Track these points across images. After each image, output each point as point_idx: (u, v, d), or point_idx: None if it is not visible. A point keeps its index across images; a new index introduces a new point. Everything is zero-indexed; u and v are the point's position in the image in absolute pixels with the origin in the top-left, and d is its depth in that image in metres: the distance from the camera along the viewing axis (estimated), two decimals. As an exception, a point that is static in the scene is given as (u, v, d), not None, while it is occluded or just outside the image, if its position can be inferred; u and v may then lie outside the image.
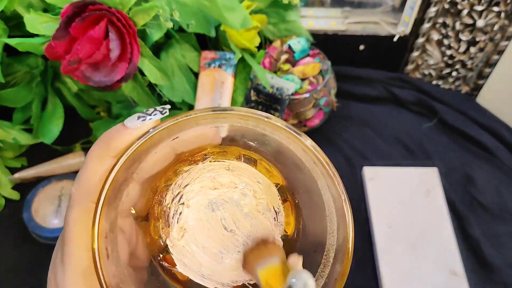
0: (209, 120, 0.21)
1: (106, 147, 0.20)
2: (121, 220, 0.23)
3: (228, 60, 0.52)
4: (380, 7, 0.63)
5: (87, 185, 0.20)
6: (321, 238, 0.23)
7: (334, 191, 0.22)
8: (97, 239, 0.19)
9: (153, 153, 0.22)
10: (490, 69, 0.61)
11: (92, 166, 0.20)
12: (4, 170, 0.53)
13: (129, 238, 0.23)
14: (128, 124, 0.20)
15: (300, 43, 0.56)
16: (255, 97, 0.54)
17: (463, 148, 0.59)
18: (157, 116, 0.21)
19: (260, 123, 0.21)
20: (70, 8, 0.39)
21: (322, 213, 0.23)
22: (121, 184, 0.21)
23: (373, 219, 0.52)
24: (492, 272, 0.48)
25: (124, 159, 0.20)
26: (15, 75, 0.49)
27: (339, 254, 0.22)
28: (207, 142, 0.24)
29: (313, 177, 0.22)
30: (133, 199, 0.23)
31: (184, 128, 0.21)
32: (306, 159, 0.22)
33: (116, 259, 0.21)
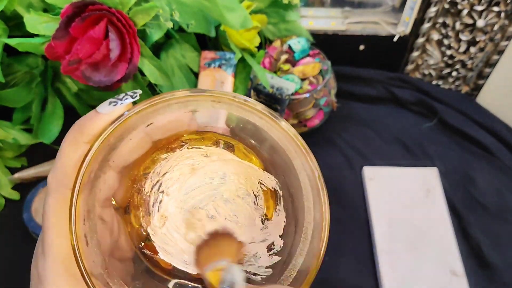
0: (181, 104, 0.21)
1: (80, 133, 0.20)
2: (101, 210, 0.23)
3: (228, 60, 0.52)
4: (380, 7, 0.63)
5: (62, 172, 0.20)
6: (299, 217, 0.23)
7: (308, 168, 0.22)
8: (74, 225, 0.19)
9: (128, 139, 0.22)
10: (490, 69, 0.61)
11: (66, 153, 0.20)
12: (4, 170, 0.53)
13: (110, 228, 0.23)
14: (100, 110, 0.21)
15: (300, 43, 0.56)
16: (255, 97, 0.54)
17: (463, 148, 0.59)
18: (128, 100, 0.21)
19: (233, 105, 0.21)
20: (70, 8, 0.39)
21: (299, 192, 0.23)
22: (97, 171, 0.21)
23: (373, 219, 0.52)
24: (492, 272, 0.48)
25: (98, 144, 0.20)
26: (15, 75, 0.49)
27: (316, 231, 0.22)
28: (183, 129, 0.24)
29: (289, 158, 0.22)
30: (111, 187, 0.23)
31: (157, 114, 0.21)
32: (281, 140, 0.22)
33: (96, 247, 0.21)
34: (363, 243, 0.51)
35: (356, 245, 0.51)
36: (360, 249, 0.51)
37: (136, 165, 0.25)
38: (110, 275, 0.21)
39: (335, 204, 0.54)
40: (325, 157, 0.59)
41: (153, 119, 0.22)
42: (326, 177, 0.58)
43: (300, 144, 0.21)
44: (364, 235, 0.52)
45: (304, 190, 0.23)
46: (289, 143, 0.22)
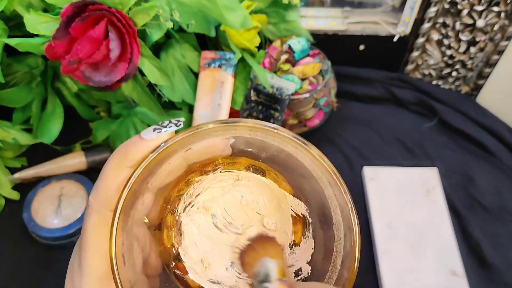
0: (220, 132, 0.22)
1: (123, 157, 0.21)
2: (135, 229, 0.23)
3: (228, 60, 0.52)
4: (380, 7, 0.63)
5: (105, 194, 0.21)
6: (328, 245, 0.24)
7: (341, 199, 0.22)
8: (115, 247, 0.20)
9: (166, 164, 0.23)
10: (490, 69, 0.61)
11: (110, 176, 0.21)
12: (4, 170, 0.53)
13: (143, 246, 0.24)
14: (144, 136, 0.21)
15: (300, 43, 0.56)
16: (255, 97, 0.54)
17: (463, 148, 0.59)
18: (172, 129, 0.22)
19: (268, 134, 0.22)
20: (70, 8, 0.39)
21: (330, 221, 0.23)
22: (136, 193, 0.22)
23: (373, 219, 0.52)
24: (492, 272, 0.48)
25: (141, 170, 0.21)
26: (15, 75, 0.49)
27: (346, 261, 0.22)
28: (218, 153, 0.24)
29: (320, 187, 0.23)
30: (147, 208, 0.24)
31: (196, 140, 0.22)
32: (313, 169, 0.23)
33: (132, 266, 0.22)
34: (363, 243, 0.51)
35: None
36: (360, 249, 0.51)
37: (171, 186, 0.25)
38: None
39: (335, 204, 0.54)
40: (325, 157, 0.59)
41: (191, 145, 0.23)
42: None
43: (333, 174, 0.22)
44: (364, 235, 0.52)
45: (334, 220, 0.23)
46: (322, 172, 0.22)
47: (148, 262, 0.25)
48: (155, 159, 0.21)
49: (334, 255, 0.23)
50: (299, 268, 0.25)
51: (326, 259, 0.23)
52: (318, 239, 0.25)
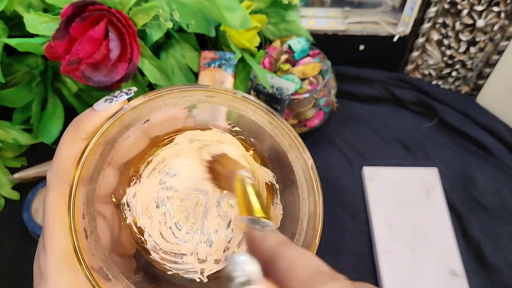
0: (176, 99, 0.22)
1: (76, 130, 0.21)
2: (101, 206, 0.23)
3: (228, 60, 0.52)
4: (380, 7, 0.63)
5: (61, 168, 0.21)
6: (295, 209, 0.24)
7: (301, 159, 0.22)
8: (73, 218, 0.20)
9: (125, 136, 0.22)
10: (490, 69, 0.61)
11: (64, 150, 0.21)
12: (4, 170, 0.53)
13: (110, 224, 0.24)
14: (96, 107, 0.21)
15: (300, 43, 0.56)
16: (255, 97, 0.54)
17: (463, 148, 0.59)
18: (123, 97, 0.21)
19: (227, 99, 0.22)
20: (70, 8, 0.39)
21: (295, 185, 0.23)
22: (95, 166, 0.21)
23: (373, 219, 0.52)
24: (492, 272, 0.48)
25: (95, 141, 0.20)
26: (15, 75, 0.49)
27: (311, 221, 0.22)
28: (180, 125, 0.24)
29: (284, 151, 0.23)
30: (110, 184, 0.23)
31: (153, 109, 0.22)
32: (276, 134, 0.23)
33: (95, 241, 0.21)
34: (363, 243, 0.51)
35: (356, 245, 0.51)
36: (360, 249, 0.51)
37: (135, 162, 0.25)
38: (110, 268, 0.22)
39: (335, 204, 0.54)
40: (325, 157, 0.59)
41: (149, 116, 0.22)
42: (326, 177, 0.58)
43: (293, 136, 0.22)
44: (364, 235, 0.52)
45: (299, 182, 0.23)
46: (283, 136, 0.22)
47: (120, 242, 0.24)
48: (111, 130, 0.21)
49: (301, 218, 0.23)
50: None
51: (294, 222, 0.24)
52: (285, 204, 0.25)
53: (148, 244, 0.25)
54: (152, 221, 0.25)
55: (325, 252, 0.51)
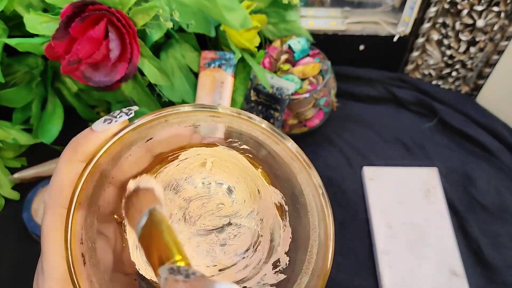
0: (180, 119, 0.21)
1: (74, 152, 0.20)
2: (102, 226, 0.23)
3: (228, 60, 0.52)
4: (380, 7, 0.63)
5: (59, 191, 0.20)
6: (305, 234, 0.23)
7: (312, 185, 0.21)
8: (70, 244, 0.19)
9: (127, 156, 0.22)
10: (490, 69, 0.61)
11: (62, 172, 0.20)
12: (4, 170, 0.53)
13: (113, 243, 0.23)
14: (95, 128, 0.20)
15: (300, 43, 0.56)
16: (255, 97, 0.54)
17: (463, 148, 0.59)
18: (123, 118, 0.20)
19: (233, 120, 0.21)
20: (70, 8, 0.39)
21: (305, 208, 0.22)
22: (95, 188, 0.20)
23: (373, 219, 0.52)
24: (492, 272, 0.48)
25: (94, 162, 0.19)
26: (15, 75, 0.49)
27: (321, 250, 0.21)
28: (185, 142, 0.23)
29: (293, 173, 0.22)
30: (112, 203, 0.23)
31: (155, 128, 0.21)
32: (284, 154, 0.22)
33: (95, 266, 0.21)
34: (363, 243, 0.51)
35: (356, 245, 0.51)
36: (360, 249, 0.51)
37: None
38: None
39: (335, 204, 0.54)
40: (325, 157, 0.59)
41: (152, 134, 0.21)
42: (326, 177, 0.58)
43: (302, 160, 0.21)
44: (364, 235, 0.52)
45: (309, 207, 0.22)
46: (293, 159, 0.21)
47: (122, 259, 0.24)
48: (111, 151, 0.20)
49: (311, 244, 0.22)
50: (277, 259, 0.24)
51: (303, 248, 0.22)
52: (294, 227, 0.24)
53: None
54: None
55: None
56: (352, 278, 0.49)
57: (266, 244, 0.25)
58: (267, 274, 0.24)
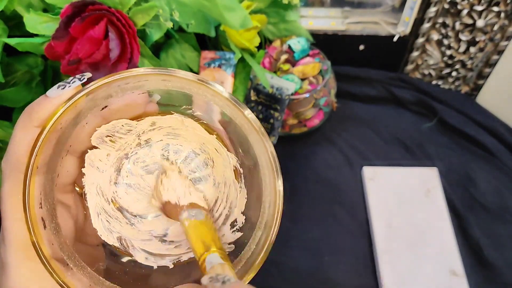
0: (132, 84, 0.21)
1: (29, 118, 0.20)
2: (62, 195, 0.23)
3: (227, 60, 0.52)
4: (380, 7, 0.63)
5: (15, 157, 0.20)
6: (257, 191, 0.24)
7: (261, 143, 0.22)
8: (29, 208, 0.19)
9: (83, 123, 0.22)
10: (490, 69, 0.61)
11: (18, 138, 0.20)
12: (4, 170, 0.53)
13: (74, 213, 0.23)
14: (49, 94, 0.20)
15: (300, 43, 0.56)
16: (255, 97, 0.54)
17: (463, 148, 0.59)
18: (76, 83, 0.21)
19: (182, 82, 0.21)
20: (70, 8, 0.39)
21: (257, 167, 0.23)
22: (52, 154, 0.21)
23: (373, 219, 0.52)
24: (492, 272, 0.48)
25: (49, 127, 0.19)
26: (15, 75, 0.49)
27: (272, 204, 0.22)
28: (141, 111, 0.24)
29: (245, 134, 0.23)
30: (72, 173, 0.23)
31: (109, 94, 0.21)
32: (234, 116, 0.22)
33: (55, 230, 0.21)
34: (363, 243, 0.51)
35: (356, 245, 0.51)
36: (360, 249, 0.51)
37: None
38: (72, 258, 0.21)
39: (335, 204, 0.54)
40: (325, 157, 0.59)
41: (107, 103, 0.22)
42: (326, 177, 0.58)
43: (251, 120, 0.21)
44: (364, 235, 0.52)
45: (260, 166, 0.23)
46: (243, 120, 0.22)
47: (85, 231, 0.24)
48: (65, 117, 0.20)
49: (263, 200, 0.23)
50: (234, 219, 0.25)
51: (257, 206, 0.23)
52: (248, 187, 0.25)
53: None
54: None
55: (325, 252, 0.51)
56: (352, 278, 0.49)
57: (223, 208, 0.26)
58: (225, 234, 0.25)
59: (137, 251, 0.25)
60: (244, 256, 0.23)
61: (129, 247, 0.25)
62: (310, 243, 0.51)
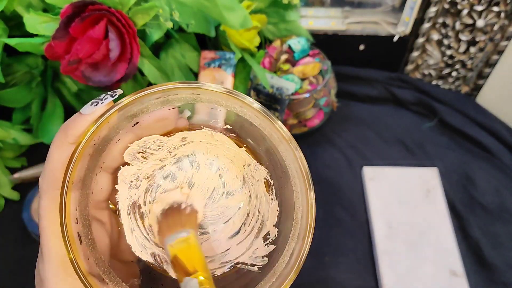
0: (162, 99, 0.22)
1: (64, 135, 0.21)
2: (97, 212, 0.23)
3: (227, 60, 0.52)
4: (380, 7, 0.63)
5: (52, 174, 0.21)
6: (289, 203, 0.24)
7: (291, 151, 0.22)
8: (65, 223, 0.20)
9: (116, 140, 0.22)
10: (490, 69, 0.61)
11: (54, 156, 0.21)
12: (4, 170, 0.53)
13: (109, 230, 0.24)
14: (83, 111, 0.21)
15: (300, 43, 0.56)
16: (255, 97, 0.54)
17: (463, 148, 0.59)
18: (109, 99, 0.21)
19: (212, 95, 0.21)
20: (70, 8, 0.39)
21: (288, 179, 0.23)
22: (86, 171, 0.21)
23: (373, 219, 0.52)
24: (492, 272, 0.48)
25: (83, 143, 0.20)
26: (15, 75, 0.49)
27: (304, 215, 0.22)
28: (171, 126, 0.24)
29: (275, 146, 0.23)
30: (105, 189, 0.24)
31: (140, 110, 0.22)
32: (263, 127, 0.23)
33: (91, 246, 0.21)
34: (363, 243, 0.51)
35: (356, 245, 0.51)
36: (360, 249, 0.51)
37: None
38: (108, 273, 0.22)
39: (335, 204, 0.54)
40: (325, 157, 0.59)
41: (138, 118, 0.22)
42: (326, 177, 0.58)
43: (280, 129, 0.22)
44: (364, 235, 0.52)
45: (291, 176, 0.23)
46: (272, 130, 0.22)
47: (120, 248, 0.24)
48: (98, 132, 0.20)
49: (296, 211, 0.23)
50: (267, 232, 0.25)
51: (290, 217, 0.23)
52: (280, 200, 0.25)
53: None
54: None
55: (325, 252, 0.51)
56: (352, 278, 0.49)
57: (255, 221, 0.26)
58: (259, 248, 0.25)
59: (171, 267, 0.25)
60: (278, 268, 0.23)
61: (163, 263, 0.25)
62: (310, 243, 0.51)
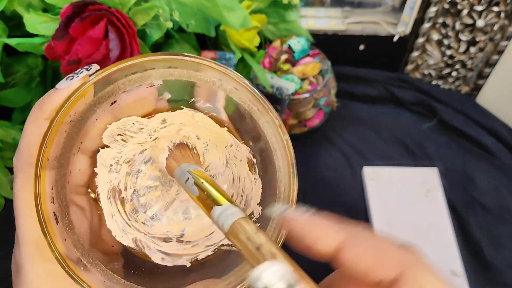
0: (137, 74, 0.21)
1: (39, 110, 0.20)
2: (76, 196, 0.22)
3: (227, 60, 0.52)
4: (380, 7, 0.63)
5: (26, 150, 0.20)
6: (272, 180, 0.23)
7: (271, 122, 0.21)
8: (39, 200, 0.19)
9: (93, 119, 0.22)
10: (490, 69, 0.61)
11: (28, 131, 0.20)
12: (4, 170, 0.53)
13: (89, 216, 0.23)
14: (58, 86, 0.20)
15: (300, 43, 0.56)
16: (255, 97, 0.54)
17: (463, 148, 0.59)
18: (83, 73, 0.21)
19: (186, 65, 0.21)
20: (70, 8, 0.39)
21: (269, 153, 0.23)
22: (63, 148, 0.20)
23: (373, 219, 0.52)
24: (492, 273, 0.48)
25: (58, 118, 0.19)
26: (15, 75, 0.49)
27: (287, 187, 0.22)
28: (151, 107, 0.23)
29: (255, 119, 0.22)
30: (84, 173, 0.23)
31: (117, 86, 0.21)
32: (243, 100, 0.22)
33: (68, 227, 0.21)
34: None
35: (356, 245, 0.51)
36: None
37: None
38: (85, 254, 0.21)
39: (335, 204, 0.54)
40: (325, 157, 0.59)
41: (116, 97, 0.21)
42: (326, 177, 0.58)
43: (259, 97, 0.21)
44: (364, 235, 0.52)
45: (273, 150, 0.22)
46: (251, 101, 0.21)
47: (101, 237, 0.24)
48: (74, 108, 0.20)
49: (278, 186, 0.22)
50: (251, 212, 0.25)
51: (273, 193, 0.23)
52: (263, 177, 0.24)
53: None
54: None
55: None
56: (352, 278, 0.49)
57: (239, 202, 0.25)
58: None
59: (153, 252, 0.25)
60: None
61: (145, 248, 0.25)
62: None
